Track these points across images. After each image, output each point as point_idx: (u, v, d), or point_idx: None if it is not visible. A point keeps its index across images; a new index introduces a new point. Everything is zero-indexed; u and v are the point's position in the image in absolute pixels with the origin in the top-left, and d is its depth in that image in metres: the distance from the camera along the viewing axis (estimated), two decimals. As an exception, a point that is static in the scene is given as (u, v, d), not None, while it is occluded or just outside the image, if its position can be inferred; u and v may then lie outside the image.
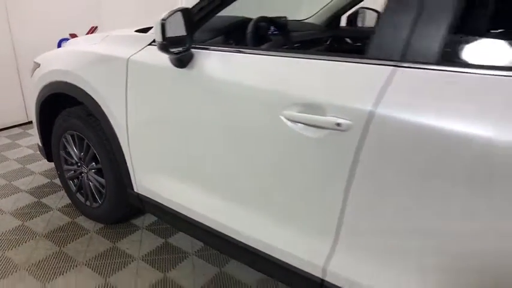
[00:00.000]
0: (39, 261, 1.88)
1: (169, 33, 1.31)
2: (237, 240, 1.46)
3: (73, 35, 3.84)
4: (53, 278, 1.78)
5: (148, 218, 2.26)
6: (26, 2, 3.56)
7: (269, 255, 1.38)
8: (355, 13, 2.65)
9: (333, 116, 1.09)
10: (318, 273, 1.27)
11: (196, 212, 1.59)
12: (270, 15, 1.98)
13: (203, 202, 1.57)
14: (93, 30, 4.05)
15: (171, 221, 1.79)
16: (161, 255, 1.95)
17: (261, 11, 1.99)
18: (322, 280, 1.27)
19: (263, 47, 1.78)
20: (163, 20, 1.25)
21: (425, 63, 0.99)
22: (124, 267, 1.86)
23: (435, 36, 0.99)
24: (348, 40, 2.55)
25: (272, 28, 2.00)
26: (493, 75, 0.92)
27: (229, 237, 1.48)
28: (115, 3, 4.22)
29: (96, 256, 1.93)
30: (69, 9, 3.86)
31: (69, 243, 2.03)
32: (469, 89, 0.94)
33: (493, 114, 0.89)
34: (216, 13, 1.48)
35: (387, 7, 1.07)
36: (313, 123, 1.13)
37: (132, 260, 1.91)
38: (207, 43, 1.56)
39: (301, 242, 1.29)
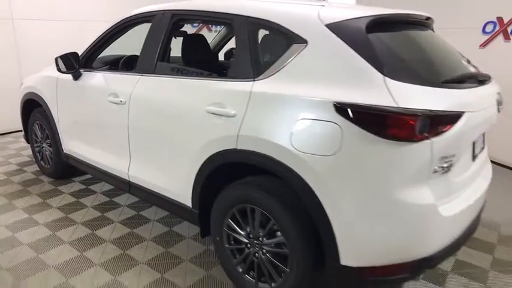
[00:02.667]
0: (12, 192, 3.30)
1: (64, 63, 2.75)
2: (106, 171, 2.81)
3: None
4: (18, 198, 3.18)
5: (84, 177, 3.64)
6: (32, 44, 5.19)
7: (113, 173, 2.72)
8: (230, 51, 4.03)
9: (120, 98, 2.46)
10: (126, 177, 2.60)
11: (90, 159, 2.95)
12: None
13: (93, 152, 2.93)
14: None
15: (81, 166, 3.15)
16: (82, 192, 3.32)
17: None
18: (129, 181, 2.60)
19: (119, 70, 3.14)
20: (56, 58, 2.71)
21: (149, 73, 2.37)
22: (55, 196, 3.24)
23: (151, 63, 2.36)
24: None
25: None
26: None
27: (106, 171, 2.82)
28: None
29: (44, 191, 3.34)
30: (60, 43, 5.44)
31: (31, 186, 3.45)
32: (154, 85, 2.30)
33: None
34: (97, 54, 2.93)
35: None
36: (115, 101, 2.51)
37: (61, 194, 3.30)
38: (92, 68, 2.97)
39: (119, 163, 2.64)
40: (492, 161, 4.67)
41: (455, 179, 1.71)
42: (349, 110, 1.53)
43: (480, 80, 1.90)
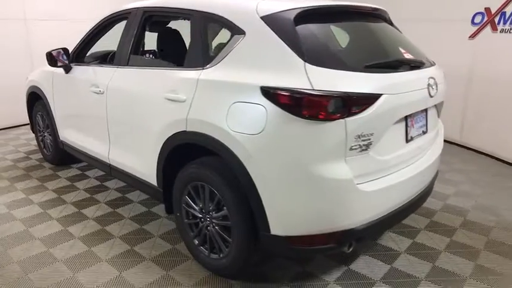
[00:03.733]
0: (15, 176, 3.64)
1: (55, 58, 3.03)
2: (92, 156, 3.09)
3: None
4: (20, 181, 3.51)
5: (82, 164, 3.95)
6: (44, 43, 5.56)
7: (97, 157, 2.99)
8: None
9: (100, 88, 2.71)
10: (107, 160, 2.86)
11: (80, 144, 3.24)
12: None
13: (81, 139, 3.22)
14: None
15: (73, 152, 3.43)
16: (77, 177, 3.62)
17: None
18: (110, 164, 2.85)
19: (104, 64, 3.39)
20: (46, 53, 2.99)
21: (124, 65, 2.60)
22: (52, 180, 3.55)
23: (125, 56, 2.59)
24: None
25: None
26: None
27: (92, 156, 3.09)
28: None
29: (43, 176, 3.66)
30: (71, 42, 5.83)
31: (32, 171, 3.78)
32: (125, 75, 2.53)
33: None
34: (87, 50, 3.20)
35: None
36: (96, 91, 2.77)
37: (58, 178, 3.60)
38: (82, 62, 3.24)
39: (101, 148, 2.90)
40: (470, 148, 4.64)
41: (380, 157, 1.84)
42: (271, 93, 1.70)
43: (412, 65, 2.01)
